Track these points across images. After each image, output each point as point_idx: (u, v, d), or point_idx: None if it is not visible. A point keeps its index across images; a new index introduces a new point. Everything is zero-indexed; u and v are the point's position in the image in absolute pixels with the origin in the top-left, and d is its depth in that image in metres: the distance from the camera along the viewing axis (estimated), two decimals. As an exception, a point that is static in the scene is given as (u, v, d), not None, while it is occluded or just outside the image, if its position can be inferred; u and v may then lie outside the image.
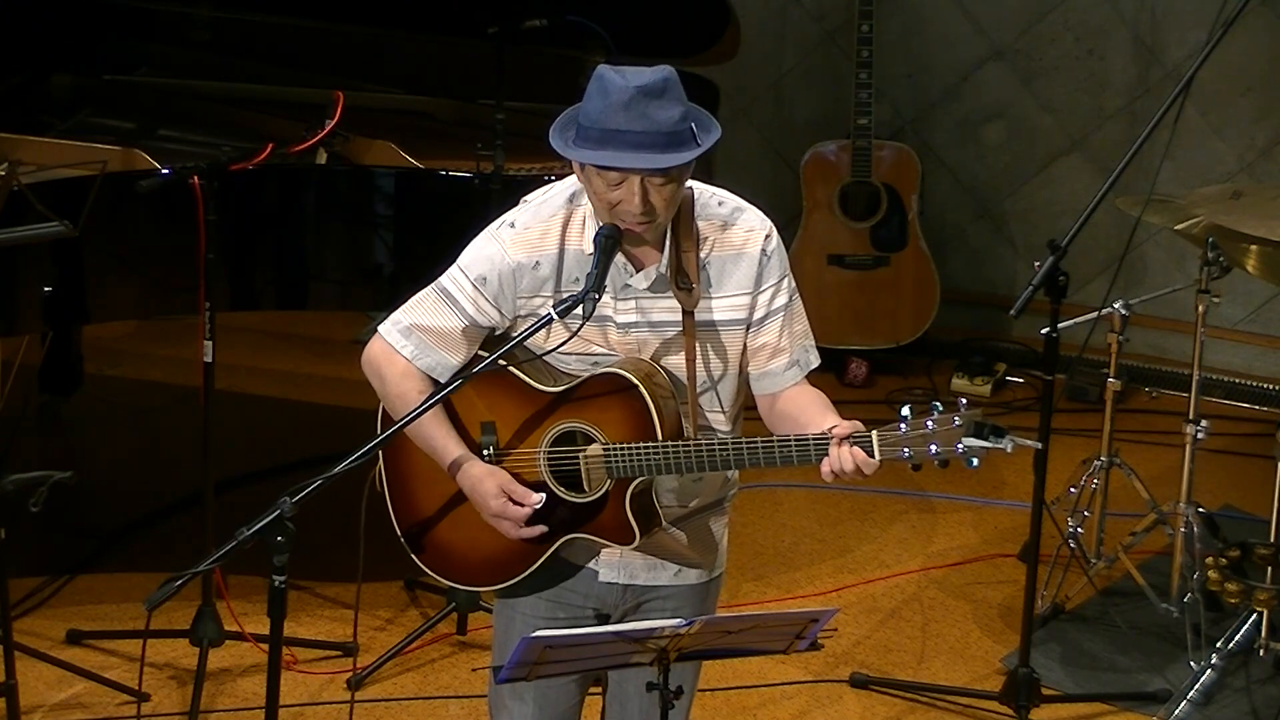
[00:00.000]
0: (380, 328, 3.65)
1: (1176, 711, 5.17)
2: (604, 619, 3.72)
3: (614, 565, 3.69)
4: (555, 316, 3.45)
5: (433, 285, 3.61)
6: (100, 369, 7.11)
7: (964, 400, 3.37)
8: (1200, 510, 5.58)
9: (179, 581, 3.42)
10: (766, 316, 3.59)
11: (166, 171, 5.10)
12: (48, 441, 6.74)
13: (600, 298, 3.46)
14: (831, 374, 7.16)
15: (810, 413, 3.55)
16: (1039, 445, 3.36)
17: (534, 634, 3.35)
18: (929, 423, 3.34)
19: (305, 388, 7.22)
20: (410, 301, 3.63)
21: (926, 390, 7.17)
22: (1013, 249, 7.59)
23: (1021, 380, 7.29)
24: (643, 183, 3.41)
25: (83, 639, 5.40)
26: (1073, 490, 5.73)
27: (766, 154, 7.71)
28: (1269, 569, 5.25)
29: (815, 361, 3.66)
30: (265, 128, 5.56)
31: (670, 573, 3.72)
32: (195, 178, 4.95)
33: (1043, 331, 4.94)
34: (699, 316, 3.56)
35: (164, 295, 5.33)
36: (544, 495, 3.57)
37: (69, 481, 4.45)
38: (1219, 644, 5.25)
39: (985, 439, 3.30)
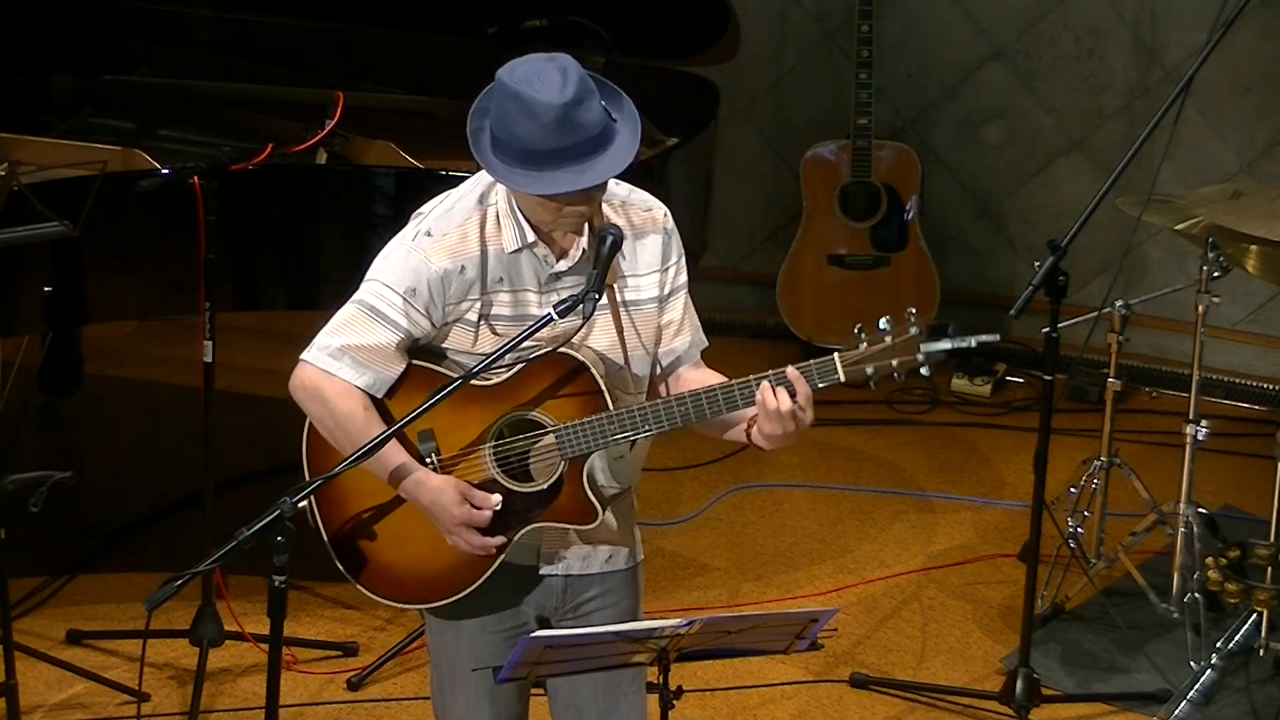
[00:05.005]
0: (305, 355, 3.60)
1: (1176, 711, 5.17)
2: (544, 623, 3.69)
3: (552, 558, 3.66)
4: (555, 316, 3.43)
5: (353, 304, 3.56)
6: (100, 369, 7.11)
7: (913, 311, 3.45)
8: (1200, 510, 5.57)
9: (179, 581, 3.42)
10: (673, 293, 3.63)
11: (166, 171, 5.10)
12: (48, 441, 6.74)
13: (600, 298, 3.46)
14: (831, 374, 7.15)
15: (713, 383, 3.54)
16: (996, 337, 3.46)
17: (534, 634, 3.35)
18: (887, 337, 3.43)
19: (305, 388, 7.21)
20: (331, 324, 3.58)
21: (926, 390, 7.17)
22: (1013, 249, 7.58)
23: (1021, 380, 7.29)
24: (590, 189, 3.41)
25: (83, 639, 5.40)
26: (1073, 490, 5.73)
27: (766, 154, 7.70)
28: (1269, 569, 5.25)
29: (705, 342, 3.69)
30: (265, 128, 5.56)
31: (602, 558, 3.70)
32: (195, 178, 4.95)
33: (1043, 331, 4.94)
34: (621, 296, 3.57)
35: (164, 295, 5.32)
36: (500, 496, 3.55)
37: (69, 481, 4.45)
38: (1219, 644, 5.25)
39: (942, 340, 3.42)
